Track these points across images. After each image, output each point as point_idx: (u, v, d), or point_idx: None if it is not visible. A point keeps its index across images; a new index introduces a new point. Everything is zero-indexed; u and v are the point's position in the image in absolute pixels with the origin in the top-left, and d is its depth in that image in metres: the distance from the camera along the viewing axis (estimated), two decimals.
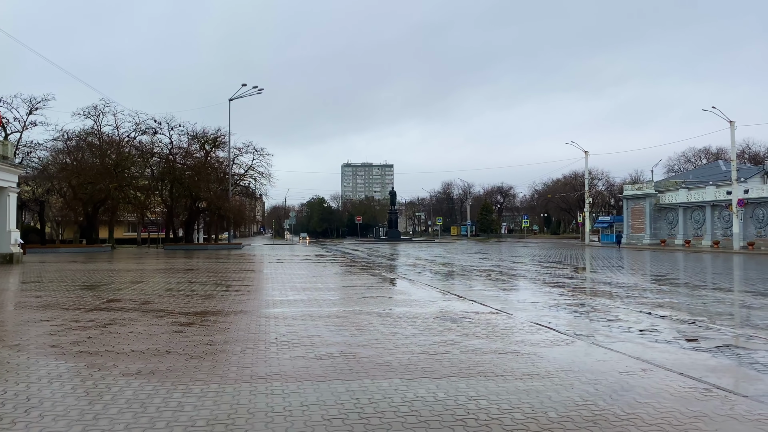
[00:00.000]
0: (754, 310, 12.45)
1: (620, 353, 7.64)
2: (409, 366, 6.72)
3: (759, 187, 49.81)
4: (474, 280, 20.12)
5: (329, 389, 5.72)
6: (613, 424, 4.75)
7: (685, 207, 56.14)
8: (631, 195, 63.36)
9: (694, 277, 21.21)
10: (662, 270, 25.30)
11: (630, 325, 10.35)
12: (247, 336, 8.59)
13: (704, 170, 68.38)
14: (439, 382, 6.00)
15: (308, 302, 12.71)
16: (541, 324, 10.00)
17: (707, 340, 8.90)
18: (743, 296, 15.36)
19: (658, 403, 5.34)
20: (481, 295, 14.63)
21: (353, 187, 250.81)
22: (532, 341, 8.33)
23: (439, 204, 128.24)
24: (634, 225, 62.58)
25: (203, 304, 12.42)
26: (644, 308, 12.58)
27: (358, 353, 7.40)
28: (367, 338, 8.44)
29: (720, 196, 51.36)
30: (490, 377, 6.24)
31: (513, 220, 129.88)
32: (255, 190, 64.41)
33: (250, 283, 17.72)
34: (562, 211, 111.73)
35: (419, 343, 8.11)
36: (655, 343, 8.68)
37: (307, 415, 4.92)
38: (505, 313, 11.23)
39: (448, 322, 9.95)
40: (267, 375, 6.26)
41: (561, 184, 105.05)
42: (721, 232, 51.58)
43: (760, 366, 7.19)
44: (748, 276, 22.04)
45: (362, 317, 10.48)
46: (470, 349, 7.69)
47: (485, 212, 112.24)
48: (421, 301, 12.98)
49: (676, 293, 15.76)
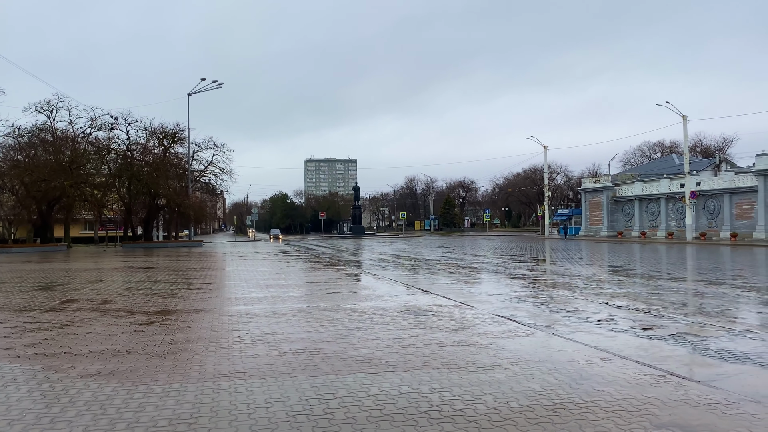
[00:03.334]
0: (705, 299, 12.91)
1: (579, 343, 7.83)
2: (374, 360, 6.76)
3: (710, 180, 51.53)
4: (437, 273, 20.29)
5: (294, 386, 5.71)
6: (573, 413, 4.88)
7: (641, 199, 57.68)
8: (589, 188, 64.76)
9: (649, 268, 21.83)
10: (619, 261, 25.96)
11: (588, 315, 10.61)
12: (210, 334, 8.50)
13: (659, 163, 70.38)
14: (403, 376, 6.05)
15: (272, 299, 12.63)
16: (503, 316, 10.17)
17: (662, 328, 9.19)
18: (695, 285, 15.89)
19: (615, 390, 5.51)
20: (444, 289, 14.77)
21: (317, 182, 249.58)
22: (493, 333, 8.47)
23: (402, 199, 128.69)
24: (592, 217, 64.00)
25: (164, 302, 12.21)
26: (602, 299, 12.91)
27: (323, 349, 7.40)
28: (332, 334, 8.44)
29: (674, 189, 52.92)
30: (453, 369, 6.32)
31: (475, 214, 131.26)
32: (216, 186, 63.41)
33: (212, 280, 17.49)
34: (522, 205, 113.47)
35: (383, 337, 8.16)
36: (612, 332, 8.92)
37: (271, 412, 4.91)
38: (467, 306, 11.37)
39: (412, 316, 10.03)
40: (230, 373, 6.22)
41: (521, 178, 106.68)
42: (675, 223, 53.18)
43: (711, 352, 7.47)
44: (700, 266, 22.80)
45: (327, 313, 10.48)
46: (434, 342, 7.78)
47: (448, 206, 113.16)
48: (385, 296, 13.04)
49: (633, 284, 16.21)
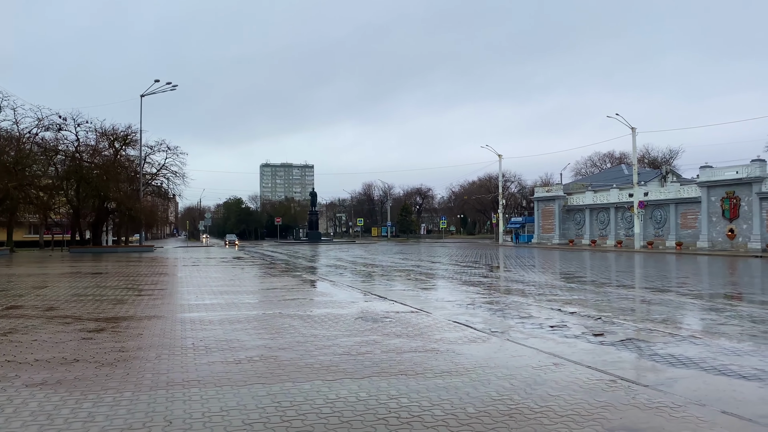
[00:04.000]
0: (653, 306, 13.34)
1: (533, 349, 7.98)
2: (331, 367, 6.73)
3: (657, 190, 53.35)
4: (394, 280, 20.36)
5: (250, 393, 5.63)
6: (528, 417, 4.96)
7: (592, 208, 59.25)
8: (542, 197, 66.15)
9: (599, 275, 22.43)
10: (570, 269, 26.59)
11: (542, 321, 10.82)
12: (162, 341, 8.30)
13: (608, 174, 72.46)
14: (361, 383, 6.04)
15: (226, 306, 12.43)
16: (459, 322, 10.27)
17: (612, 334, 9.45)
18: (643, 292, 16.41)
19: (568, 395, 5.63)
20: (401, 295, 14.83)
21: (272, 187, 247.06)
22: (450, 339, 8.54)
23: (360, 205, 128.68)
24: (544, 225, 65.36)
25: (114, 309, 11.86)
26: (555, 305, 13.19)
27: (279, 356, 7.32)
28: (288, 341, 8.36)
29: (623, 199, 54.57)
30: (410, 375, 6.35)
31: (431, 221, 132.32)
32: (168, 190, 62.05)
33: (164, 287, 17.09)
34: (477, 212, 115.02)
35: (341, 344, 8.13)
36: (565, 338, 9.12)
37: (227, 421, 4.83)
38: (424, 312, 11.44)
39: (369, 323, 10.02)
40: (184, 381, 6.08)
41: (477, 186, 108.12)
42: (624, 232, 54.82)
43: (659, 357, 7.72)
44: (647, 273, 23.56)
45: (283, 320, 10.37)
46: (391, 349, 7.79)
47: (405, 213, 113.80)
48: (342, 303, 13.00)
49: (584, 290, 16.62)
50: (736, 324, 10.47)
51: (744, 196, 43.62)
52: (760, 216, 42.29)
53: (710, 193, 46.22)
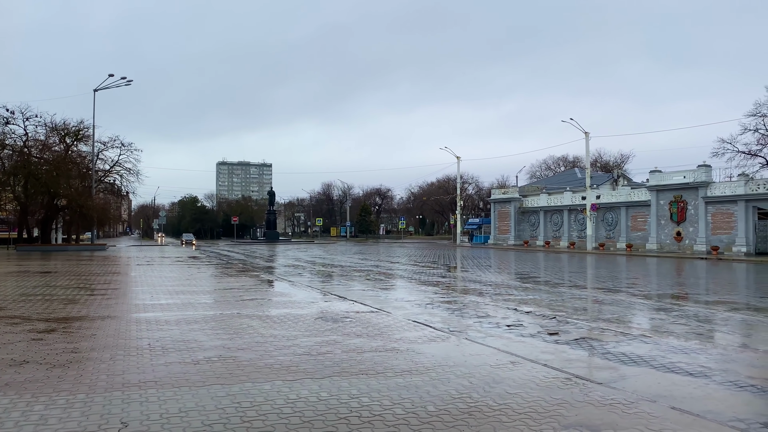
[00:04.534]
0: (605, 306, 13.72)
1: (491, 347, 8.12)
2: (291, 368, 6.70)
3: (609, 194, 54.83)
4: (354, 280, 20.36)
5: (209, 394, 5.56)
6: (487, 415, 5.05)
7: (546, 210, 60.48)
8: (498, 199, 67.17)
9: (553, 276, 22.93)
10: (526, 269, 27.10)
11: (499, 320, 11.01)
12: (117, 342, 8.11)
13: (562, 177, 74.08)
14: (322, 382, 6.04)
15: (182, 306, 12.21)
16: (418, 321, 10.36)
17: (566, 333, 9.69)
18: (596, 293, 16.86)
19: (526, 393, 5.76)
20: (361, 295, 14.85)
21: (229, 186, 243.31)
22: (410, 338, 8.61)
23: (319, 205, 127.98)
24: (500, 227, 66.38)
25: (65, 309, 11.51)
26: (511, 305, 13.43)
27: (238, 357, 7.25)
28: (247, 341, 8.29)
29: (576, 201, 55.89)
30: (371, 375, 6.38)
31: (390, 222, 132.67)
32: (121, 187, 60.51)
33: (117, 286, 16.67)
34: (435, 213, 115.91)
35: (301, 344, 8.10)
36: (521, 337, 9.31)
37: (186, 422, 4.76)
38: (384, 312, 11.50)
39: (329, 323, 10.01)
40: (141, 382, 5.96)
41: (435, 187, 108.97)
42: (577, 234, 56.15)
43: (611, 356, 7.96)
44: (599, 274, 24.21)
45: (241, 320, 10.26)
46: (351, 348, 7.81)
47: (364, 213, 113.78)
48: (301, 303, 12.94)
49: (539, 290, 16.97)
50: (684, 323, 10.87)
51: (691, 200, 45.26)
52: (706, 219, 43.96)
53: (659, 197, 47.77)
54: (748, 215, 41.38)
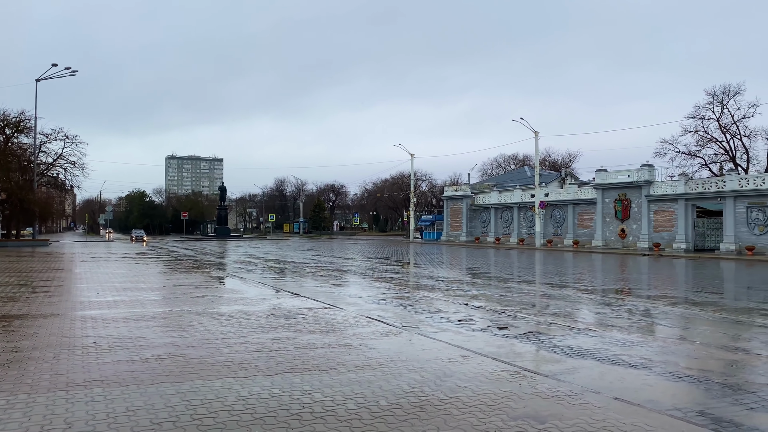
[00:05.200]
0: (552, 300, 14.10)
1: (442, 342, 8.24)
2: (243, 365, 6.64)
3: (557, 192, 56.22)
4: (307, 276, 20.26)
5: (158, 392, 5.46)
6: (438, 408, 5.14)
7: (497, 208, 61.55)
8: (451, 196, 67.95)
9: (503, 272, 23.39)
10: (477, 265, 27.54)
11: (450, 315, 11.18)
12: (61, 341, 7.85)
13: (513, 175, 75.51)
14: (274, 379, 6.02)
15: (130, 303, 11.92)
16: (371, 317, 10.41)
17: (515, 327, 9.92)
18: (543, 288, 17.29)
19: (476, 386, 5.88)
20: (313, 291, 14.80)
21: (179, 181, 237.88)
22: (363, 334, 8.65)
23: (271, 201, 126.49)
24: (453, 223, 67.18)
25: (4, 307, 11.07)
26: (462, 300, 13.64)
27: (188, 354, 7.14)
28: (197, 338, 8.16)
29: (525, 199, 57.07)
30: (324, 371, 6.39)
31: (344, 218, 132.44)
32: (66, 181, 58.32)
33: (60, 283, 16.11)
34: (389, 210, 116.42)
35: (252, 341, 8.03)
36: (472, 331, 9.48)
37: (133, 421, 4.67)
38: (337, 308, 11.50)
39: (281, 319, 9.95)
40: (86, 381, 5.80)
41: (389, 184, 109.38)
42: (526, 230, 57.36)
43: (558, 349, 8.20)
44: (547, 270, 24.82)
45: (191, 317, 10.09)
46: (304, 345, 7.79)
47: (318, 210, 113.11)
48: (253, 299, 12.81)
49: (489, 286, 17.29)
50: (626, 317, 11.28)
51: (634, 198, 46.85)
52: (648, 217, 45.60)
53: (604, 195, 49.26)
54: (687, 213, 43.13)
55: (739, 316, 11.60)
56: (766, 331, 9.91)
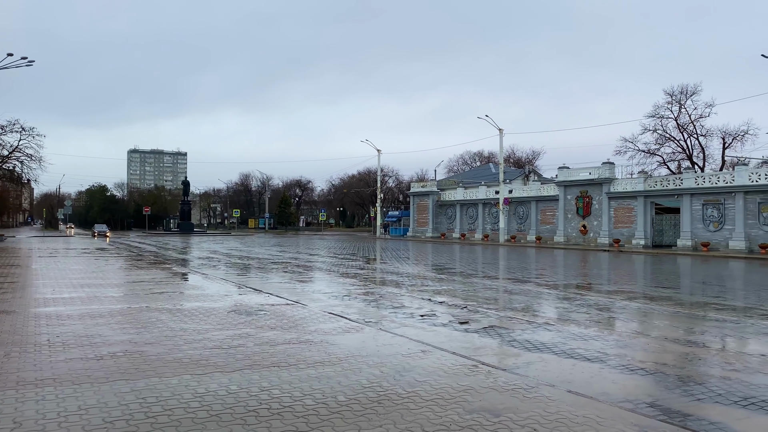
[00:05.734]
0: (514, 295, 14.31)
1: (404, 337, 8.29)
2: (201, 361, 6.57)
3: (520, 188, 56.99)
4: (271, 272, 20.12)
5: (112, 390, 5.37)
6: (396, 403, 5.18)
7: (462, 204, 62.09)
8: (417, 192, 68.27)
9: (467, 267, 23.63)
10: (441, 261, 27.75)
11: (413, 311, 11.25)
12: (13, 338, 7.65)
13: (478, 172, 76.31)
14: (232, 376, 5.97)
15: (87, 300, 11.66)
16: (334, 313, 10.41)
17: (476, 322, 10.04)
18: (506, 283, 17.54)
19: (434, 380, 5.94)
20: (277, 288, 14.71)
21: (141, 175, 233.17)
22: (324, 330, 8.65)
23: (236, 196, 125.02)
24: (419, 219, 67.52)
25: None
26: (425, 295, 13.74)
27: (145, 351, 7.03)
28: (156, 335, 8.04)
29: (490, 195, 57.70)
30: (283, 367, 6.37)
31: (311, 214, 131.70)
32: (22, 174, 56.61)
33: (15, 279, 15.66)
34: (356, 206, 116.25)
35: (212, 338, 7.95)
36: (433, 326, 9.56)
37: (85, 420, 4.58)
38: (300, 304, 11.46)
39: (242, 316, 9.88)
40: (37, 380, 5.67)
41: (356, 179, 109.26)
42: (491, 226, 58.01)
43: (517, 343, 8.33)
44: (510, 265, 25.17)
45: (150, 314, 9.93)
46: (265, 341, 7.75)
47: (284, 205, 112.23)
48: (215, 296, 12.67)
49: (452, 281, 17.45)
50: (584, 312, 11.52)
51: (595, 195, 47.81)
52: (609, 214, 46.59)
53: (566, 192, 50.13)
54: (646, 210, 44.21)
55: (693, 311, 11.96)
56: (718, 325, 10.24)
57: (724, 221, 39.11)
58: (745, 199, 37.87)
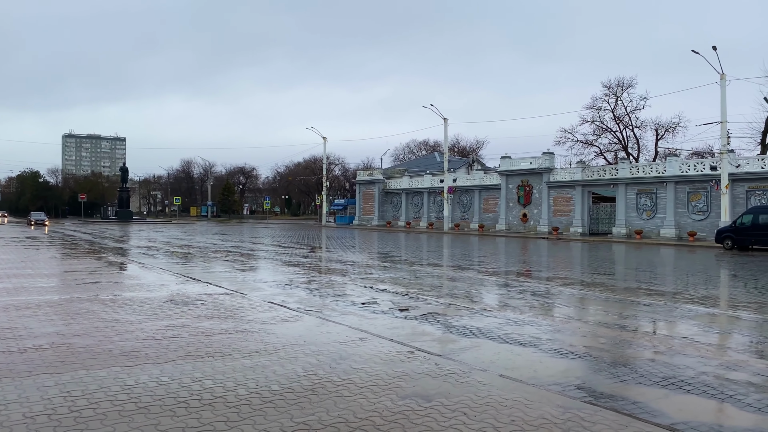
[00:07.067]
0: (455, 282, 14.54)
1: (343, 325, 8.31)
2: (132, 353, 6.40)
3: (464, 177, 57.82)
4: (211, 261, 19.75)
5: (35, 385, 5.17)
6: (330, 391, 5.19)
7: (408, 192, 62.51)
8: (364, 180, 68.28)
9: (411, 255, 23.84)
10: (386, 249, 27.90)
11: (354, 299, 11.28)
12: None
13: (423, 161, 76.92)
14: (164, 367, 5.84)
15: (14, 291, 11.15)
16: (274, 302, 10.32)
17: (416, 309, 10.15)
18: (448, 270, 17.80)
19: (369, 367, 5.98)
20: (217, 277, 14.46)
21: (78, 161, 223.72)
22: (263, 319, 8.57)
23: (178, 183, 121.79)
24: (365, 208, 67.60)
25: None
26: (368, 283, 13.79)
27: (74, 343, 6.79)
28: (86, 327, 7.78)
29: (435, 184, 58.31)
30: (218, 357, 6.28)
31: (255, 201, 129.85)
32: None
33: None
34: (302, 194, 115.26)
35: (145, 328, 7.75)
36: (374, 314, 9.62)
37: (4, 416, 4.39)
38: (239, 294, 11.31)
39: (179, 306, 9.67)
40: None
41: (302, 167, 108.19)
42: (435, 215, 58.68)
43: (454, 329, 8.48)
44: (453, 253, 25.55)
45: (81, 305, 9.59)
46: (200, 331, 7.61)
47: (227, 193, 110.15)
48: (151, 286, 12.35)
49: (396, 269, 17.58)
50: (521, 298, 11.83)
51: (536, 184, 49.02)
52: (548, 202, 47.89)
53: (508, 181, 51.19)
54: (584, 199, 45.66)
55: (624, 296, 12.45)
56: (647, 309, 10.71)
57: (657, 210, 40.84)
58: (676, 189, 39.65)
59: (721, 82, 33.56)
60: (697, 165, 39.86)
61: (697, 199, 38.83)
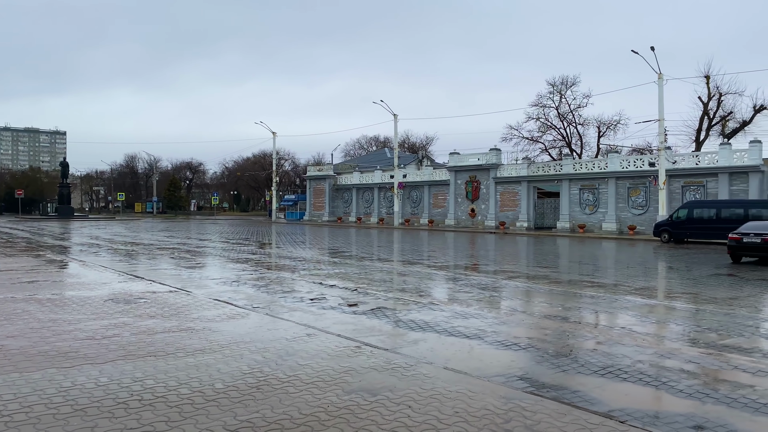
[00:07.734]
0: (404, 277, 14.64)
1: (290, 322, 8.25)
2: (70, 354, 6.19)
3: (414, 173, 58.23)
4: (157, 259, 19.26)
5: None
6: (275, 388, 5.15)
7: (358, 188, 62.50)
8: (314, 176, 67.85)
9: (361, 250, 23.86)
10: (337, 244, 27.83)
11: (303, 295, 11.21)
12: None
13: (374, 156, 76.98)
14: (103, 367, 5.68)
15: None
16: (220, 300, 10.16)
17: (365, 304, 10.18)
18: (397, 265, 17.90)
19: (316, 363, 5.96)
20: (162, 275, 14.11)
21: (14, 155, 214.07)
22: (208, 317, 8.42)
23: (121, 178, 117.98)
24: (315, 203, 67.22)
25: None
26: (317, 279, 13.73)
27: (6, 345, 6.52)
28: (20, 328, 7.47)
29: (385, 180, 58.50)
30: (160, 356, 6.14)
31: (203, 197, 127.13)
32: None
33: None
34: (251, 189, 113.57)
35: (84, 328, 7.51)
36: (322, 309, 9.59)
37: None
38: (184, 291, 11.08)
39: (120, 304, 9.39)
40: None
41: (251, 162, 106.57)
42: (386, 210, 58.91)
43: (402, 323, 8.54)
44: (403, 248, 25.70)
45: (16, 305, 9.20)
46: (142, 330, 7.42)
47: (173, 188, 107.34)
48: (92, 284, 11.95)
49: (346, 264, 17.56)
50: (468, 291, 12.02)
51: (483, 180, 49.81)
52: (495, 197, 48.76)
53: (457, 177, 51.85)
54: (529, 194, 46.70)
55: (567, 288, 12.81)
56: (589, 302, 11.05)
57: (599, 205, 42.14)
58: (617, 184, 41.00)
59: (659, 82, 34.88)
60: (636, 161, 41.31)
61: (636, 194, 40.26)
